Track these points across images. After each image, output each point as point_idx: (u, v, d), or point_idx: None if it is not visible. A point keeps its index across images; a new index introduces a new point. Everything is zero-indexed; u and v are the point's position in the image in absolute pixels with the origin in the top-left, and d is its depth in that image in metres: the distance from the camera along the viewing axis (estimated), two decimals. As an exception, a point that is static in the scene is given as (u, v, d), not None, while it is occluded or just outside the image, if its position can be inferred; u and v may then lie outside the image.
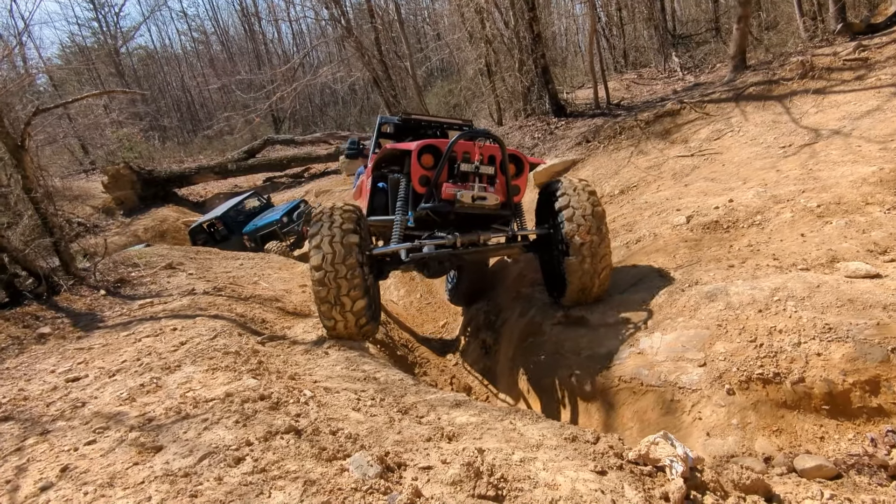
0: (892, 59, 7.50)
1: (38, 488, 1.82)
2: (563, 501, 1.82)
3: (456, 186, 3.99)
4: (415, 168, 4.10)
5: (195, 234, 13.02)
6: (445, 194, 3.97)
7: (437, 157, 4.13)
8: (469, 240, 4.27)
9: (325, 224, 3.61)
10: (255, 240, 11.76)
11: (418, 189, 4.14)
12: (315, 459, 1.94)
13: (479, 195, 4.00)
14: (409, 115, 5.86)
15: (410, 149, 4.11)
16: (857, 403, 3.00)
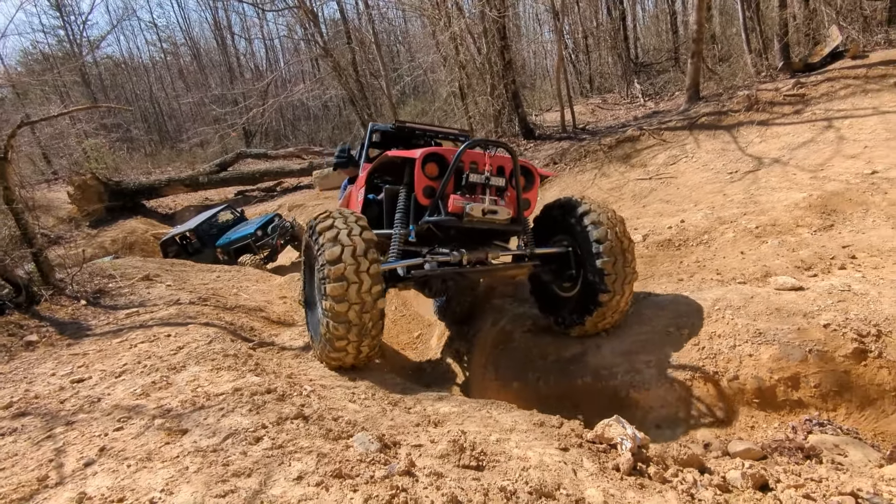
0: (825, 95, 8.31)
1: (82, 464, 2.09)
2: (533, 470, 2.20)
3: (465, 199, 3.66)
4: (419, 178, 3.76)
5: (166, 246, 12.96)
6: (453, 207, 3.62)
7: (442, 166, 3.82)
8: (476, 257, 3.96)
9: (337, 219, 3.34)
10: (228, 253, 11.78)
11: (422, 201, 3.79)
12: (323, 438, 2.27)
13: (489, 209, 3.69)
14: (402, 123, 5.42)
15: (414, 157, 3.79)
16: (782, 397, 3.49)
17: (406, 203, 3.93)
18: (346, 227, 3.29)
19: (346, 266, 3.14)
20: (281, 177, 19.16)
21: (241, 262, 10.99)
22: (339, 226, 3.31)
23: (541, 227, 4.43)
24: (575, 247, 4.17)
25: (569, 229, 4.17)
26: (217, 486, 1.83)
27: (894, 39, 9.87)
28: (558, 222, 4.30)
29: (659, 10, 23.67)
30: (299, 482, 1.90)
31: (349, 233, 3.27)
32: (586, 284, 4.07)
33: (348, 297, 3.15)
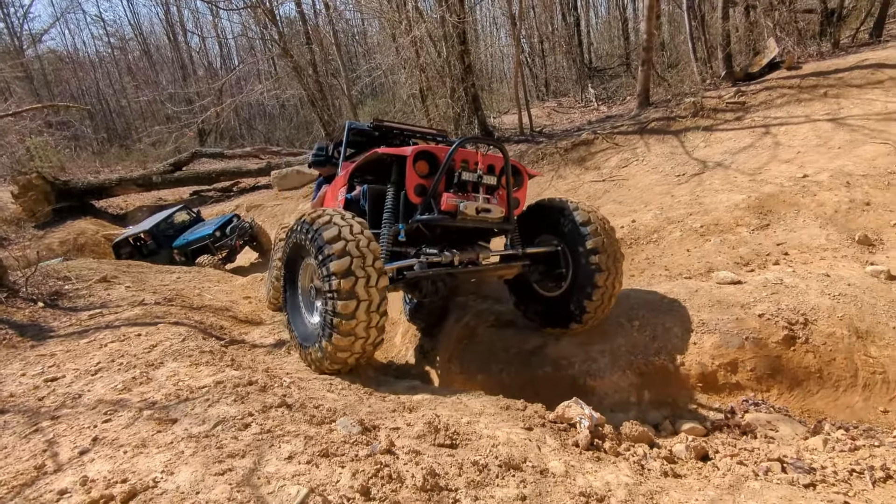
0: (764, 104, 8.94)
1: (77, 453, 2.18)
2: (501, 446, 2.42)
3: (458, 197, 3.63)
4: (410, 176, 3.70)
5: (119, 247, 12.55)
6: (447, 205, 3.57)
7: (433, 164, 3.78)
8: (468, 258, 3.92)
9: (343, 227, 3.18)
10: (185, 254, 11.51)
11: (413, 199, 3.72)
12: (308, 423, 2.43)
13: (483, 207, 3.67)
14: (381, 122, 5.28)
15: (405, 154, 3.73)
16: (722, 380, 3.85)
17: (394, 202, 3.85)
18: (347, 226, 3.19)
19: (354, 267, 3.05)
20: (238, 177, 18.84)
21: (199, 263, 10.80)
22: (339, 222, 3.20)
23: (524, 227, 4.42)
24: (565, 246, 4.21)
25: (557, 229, 4.22)
26: (214, 465, 1.97)
27: (825, 52, 10.67)
28: (544, 222, 4.35)
29: (611, 17, 24.52)
30: (290, 461, 2.06)
31: (351, 230, 3.17)
32: (576, 283, 4.12)
33: (357, 293, 3.05)
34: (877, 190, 5.43)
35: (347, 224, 3.20)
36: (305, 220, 3.38)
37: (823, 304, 4.01)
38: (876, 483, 2.58)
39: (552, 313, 4.41)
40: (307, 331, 3.64)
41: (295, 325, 3.79)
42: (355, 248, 3.09)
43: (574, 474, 2.28)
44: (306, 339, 3.59)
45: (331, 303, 3.09)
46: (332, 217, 3.26)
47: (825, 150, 6.64)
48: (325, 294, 3.13)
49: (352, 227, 3.19)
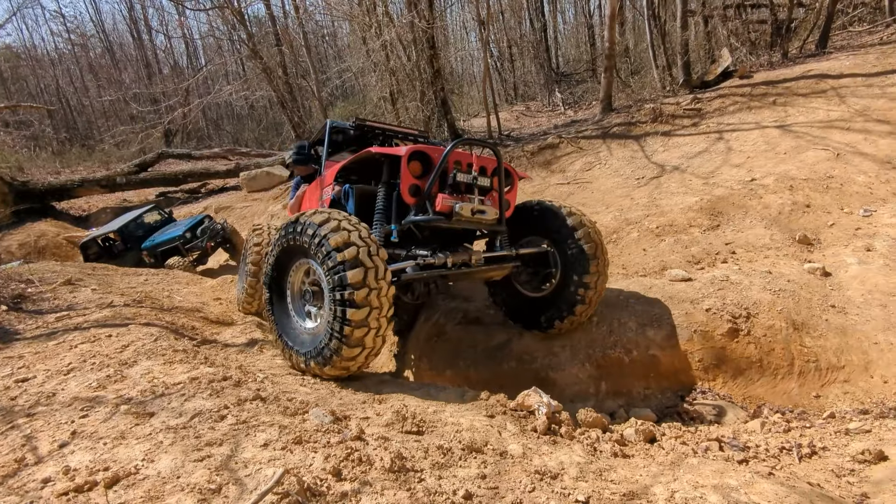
0: (718, 110, 9.40)
1: (56, 446, 2.26)
2: (465, 432, 2.61)
3: (453, 198, 3.63)
4: (405, 176, 3.67)
5: (87, 248, 12.16)
6: (442, 206, 3.56)
7: (426, 164, 3.78)
8: (461, 259, 3.87)
9: (352, 233, 3.13)
10: (154, 255, 11.27)
11: (407, 199, 3.71)
12: (282, 414, 2.57)
13: (478, 208, 3.68)
14: (363, 121, 5.18)
15: (399, 154, 3.70)
16: (673, 370, 4.13)
17: (385, 202, 3.85)
18: (356, 231, 3.13)
19: (368, 278, 3.01)
20: (206, 178, 18.58)
21: (169, 264, 10.63)
22: (348, 227, 3.14)
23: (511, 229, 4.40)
24: (554, 248, 4.30)
25: (546, 231, 4.32)
26: (193, 453, 2.10)
27: (775, 62, 11.24)
28: (532, 224, 4.43)
29: (578, 23, 25.09)
30: (266, 448, 2.19)
31: (360, 236, 3.12)
32: (565, 285, 4.22)
33: (370, 302, 3.02)
34: (816, 193, 5.83)
35: (355, 229, 3.14)
36: (308, 222, 3.26)
37: (765, 299, 4.33)
38: (802, 458, 2.86)
39: (537, 314, 4.49)
40: (301, 336, 3.54)
41: (284, 331, 3.66)
42: (367, 258, 3.05)
43: (531, 456, 2.48)
44: (301, 344, 3.49)
45: (340, 310, 3.02)
46: (340, 222, 3.18)
47: (772, 156, 7.06)
48: (336, 302, 3.04)
49: (360, 233, 3.14)
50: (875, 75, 8.19)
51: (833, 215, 5.51)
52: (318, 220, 3.22)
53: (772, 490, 2.18)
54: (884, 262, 4.57)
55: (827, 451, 2.94)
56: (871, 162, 6.11)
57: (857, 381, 3.79)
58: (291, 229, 3.39)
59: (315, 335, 3.41)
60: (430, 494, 1.99)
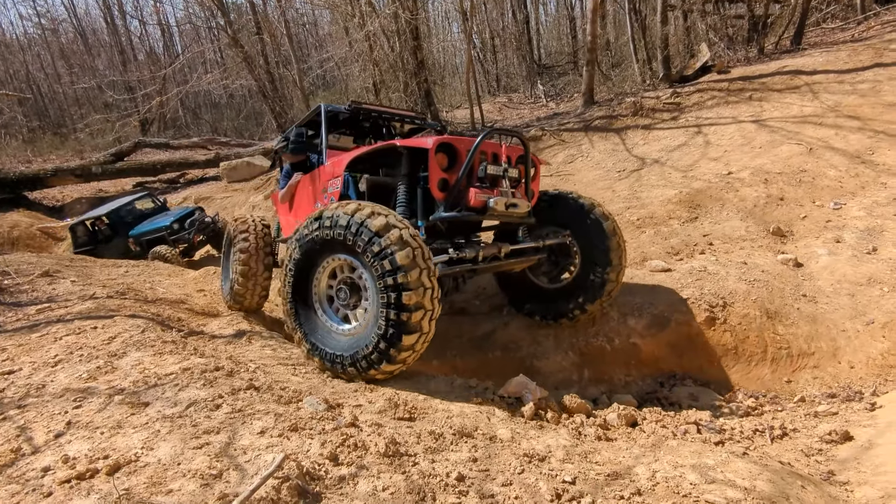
0: (696, 105, 9.58)
1: (52, 436, 2.29)
2: (455, 418, 2.70)
3: (485, 192, 3.48)
4: (434, 170, 3.47)
5: (76, 230, 11.78)
6: (476, 201, 3.42)
7: (452, 156, 3.59)
8: (491, 252, 3.75)
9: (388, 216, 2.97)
10: (140, 244, 10.99)
11: (436, 195, 3.50)
12: (277, 403, 2.62)
13: (512, 202, 3.53)
14: (358, 104, 4.89)
15: (425, 146, 3.48)
16: (653, 357, 4.27)
17: (408, 196, 3.66)
18: (392, 215, 2.99)
19: (414, 251, 2.86)
20: (185, 168, 18.28)
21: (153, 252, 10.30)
22: (383, 211, 2.99)
23: None
24: (574, 239, 4.25)
25: (566, 221, 4.25)
26: (192, 441, 2.15)
27: (752, 57, 11.48)
28: (549, 214, 4.32)
29: (560, 16, 25.18)
30: (263, 435, 2.25)
31: (399, 220, 2.97)
32: (587, 275, 4.19)
33: (424, 304, 2.87)
34: (790, 186, 6.03)
35: (391, 214, 3.01)
36: (341, 213, 3.06)
37: (740, 289, 4.50)
38: (774, 439, 3.02)
39: (552, 305, 4.44)
40: (334, 339, 3.29)
41: (316, 337, 3.37)
42: (411, 238, 2.90)
43: (519, 440, 2.58)
44: (336, 348, 3.24)
45: (394, 296, 2.83)
46: (374, 208, 3.02)
47: (748, 150, 7.26)
48: (387, 288, 2.85)
49: (395, 217, 3.00)
50: (846, 72, 8.43)
51: (805, 208, 5.71)
52: (350, 210, 3.04)
53: (746, 468, 2.32)
54: (852, 253, 4.77)
55: (797, 432, 3.11)
56: (842, 156, 6.33)
57: (826, 366, 3.98)
58: (317, 225, 3.18)
59: (355, 336, 3.18)
60: (424, 477, 2.08)
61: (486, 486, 2.09)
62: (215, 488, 1.84)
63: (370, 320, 3.04)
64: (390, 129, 5.44)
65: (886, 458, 2.56)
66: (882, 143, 6.34)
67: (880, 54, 8.65)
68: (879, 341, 3.94)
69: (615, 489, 2.14)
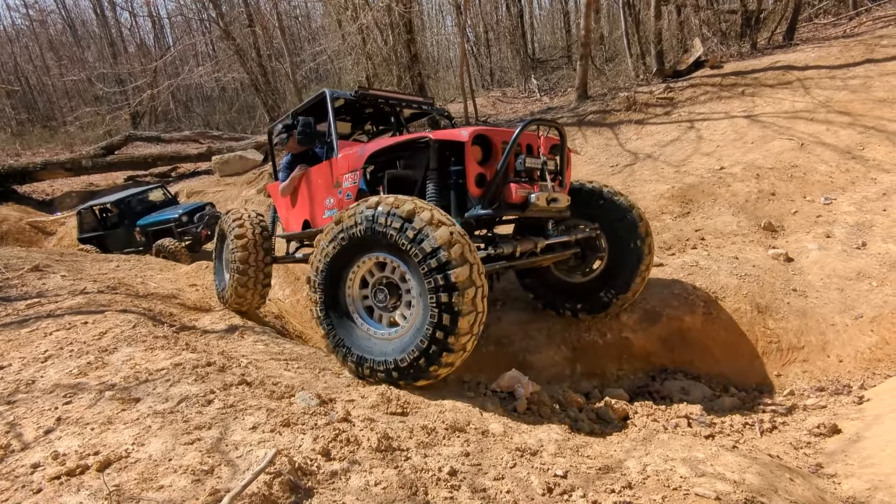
0: (689, 100, 9.60)
1: (42, 432, 2.27)
2: (448, 412, 2.70)
3: (524, 187, 3.29)
4: (471, 164, 3.25)
5: (83, 216, 11.73)
6: (517, 197, 3.23)
7: (486, 149, 3.38)
8: (528, 248, 3.54)
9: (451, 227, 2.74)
10: (146, 234, 10.84)
11: (473, 191, 3.26)
12: (269, 398, 2.62)
13: (552, 196, 3.36)
14: (365, 90, 4.60)
15: (461, 139, 3.23)
16: (645, 352, 4.30)
17: (438, 192, 3.41)
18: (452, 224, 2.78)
19: (463, 248, 2.68)
20: (176, 162, 18.15)
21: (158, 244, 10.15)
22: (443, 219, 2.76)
23: None
24: (602, 232, 4.15)
25: (596, 215, 4.14)
26: (183, 436, 2.14)
27: (744, 52, 11.50)
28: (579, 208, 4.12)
29: (553, 10, 25.14)
30: (255, 430, 2.25)
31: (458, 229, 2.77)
32: (616, 268, 4.12)
33: (476, 307, 2.71)
34: (781, 181, 6.07)
35: (436, 209, 2.81)
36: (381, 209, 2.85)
37: (731, 284, 4.53)
38: (763, 432, 3.05)
39: (576, 300, 4.37)
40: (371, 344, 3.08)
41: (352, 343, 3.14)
42: (459, 236, 2.71)
43: (511, 434, 2.59)
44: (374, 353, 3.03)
45: (445, 296, 2.64)
46: (417, 203, 2.81)
47: (740, 145, 7.28)
48: (437, 289, 2.66)
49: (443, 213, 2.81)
50: (838, 67, 8.47)
51: (796, 203, 5.74)
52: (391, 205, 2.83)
53: (735, 462, 2.34)
54: (842, 248, 4.81)
55: (786, 425, 3.14)
56: (833, 152, 6.37)
57: (815, 360, 4.02)
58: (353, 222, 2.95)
59: (398, 339, 2.96)
60: (416, 471, 2.08)
61: (478, 480, 2.10)
62: (206, 484, 1.83)
63: (415, 322, 2.85)
64: (396, 116, 5.24)
65: (873, 451, 2.60)
66: (872, 138, 6.38)
67: (871, 50, 8.70)
68: (868, 335, 3.99)
69: (606, 483, 2.15)
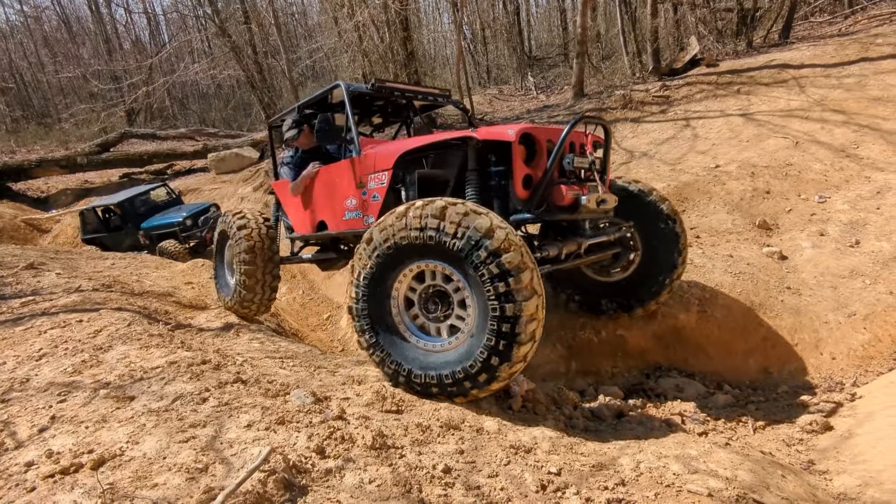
0: (685, 98, 9.62)
1: (36, 430, 2.27)
2: (442, 410, 2.71)
3: (573, 188, 3.14)
4: (518, 165, 3.08)
5: (86, 217, 11.53)
6: (568, 199, 3.09)
7: (531, 148, 3.20)
8: (572, 249, 3.33)
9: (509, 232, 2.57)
10: (150, 238, 10.65)
11: (521, 193, 3.10)
12: (264, 396, 2.62)
13: (602, 198, 3.24)
14: (382, 82, 4.36)
15: (507, 138, 3.05)
16: (638, 349, 4.31)
17: (476, 193, 3.21)
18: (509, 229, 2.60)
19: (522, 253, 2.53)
20: (172, 159, 18.11)
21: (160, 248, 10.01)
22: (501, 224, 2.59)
23: None
24: (636, 230, 4.05)
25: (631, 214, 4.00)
26: (178, 434, 2.14)
27: (740, 51, 11.52)
28: None
29: (550, 7, 25.13)
30: (250, 428, 2.25)
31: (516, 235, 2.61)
32: (649, 267, 4.06)
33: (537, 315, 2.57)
34: (776, 180, 6.09)
35: (490, 212, 2.64)
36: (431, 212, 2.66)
37: (726, 281, 4.55)
38: (756, 430, 3.07)
39: (607, 299, 4.29)
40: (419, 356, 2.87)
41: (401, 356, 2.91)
42: (515, 237, 2.56)
43: (506, 431, 2.60)
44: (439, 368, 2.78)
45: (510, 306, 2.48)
46: (471, 206, 2.64)
47: (736, 143, 7.30)
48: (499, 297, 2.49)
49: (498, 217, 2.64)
50: (833, 66, 8.50)
51: (791, 201, 5.76)
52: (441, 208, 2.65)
53: (728, 458, 2.35)
54: (835, 246, 4.83)
55: (779, 422, 3.16)
56: (827, 150, 6.40)
57: (809, 357, 4.04)
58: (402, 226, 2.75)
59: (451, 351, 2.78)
60: (410, 469, 2.09)
61: (472, 477, 2.11)
62: (201, 482, 1.84)
63: (472, 333, 2.69)
64: (410, 108, 5.10)
65: (865, 448, 2.62)
66: (866, 137, 6.41)
67: (866, 49, 8.72)
68: (860, 333, 4.01)
69: (600, 480, 2.16)
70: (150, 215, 11.20)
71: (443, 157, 3.61)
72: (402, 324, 2.95)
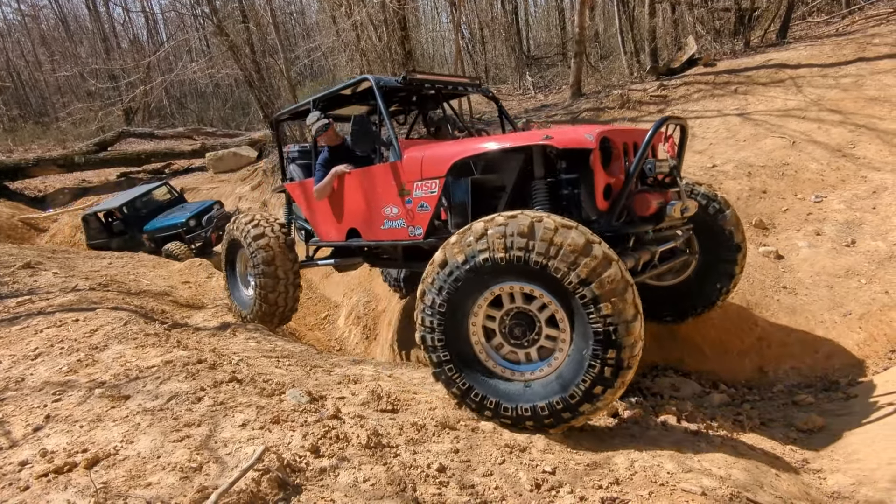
0: (683, 97, 9.63)
1: (30, 430, 2.27)
2: (438, 409, 2.71)
3: (656, 196, 2.91)
4: (599, 173, 2.81)
5: (89, 222, 11.38)
6: (652, 208, 2.87)
7: (607, 153, 2.92)
8: (646, 259, 3.04)
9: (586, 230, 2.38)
10: (154, 240, 10.50)
11: (601, 205, 2.84)
12: (259, 395, 2.62)
13: (686, 205, 2.99)
14: (413, 74, 4.09)
15: (587, 145, 2.77)
16: (635, 349, 4.31)
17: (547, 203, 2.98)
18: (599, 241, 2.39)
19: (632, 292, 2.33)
20: (170, 158, 18.10)
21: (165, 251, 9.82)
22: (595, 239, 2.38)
23: None
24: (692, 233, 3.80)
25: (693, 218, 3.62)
26: (172, 434, 2.14)
27: (738, 51, 11.53)
28: None
29: (549, 6, 25.11)
30: (244, 427, 2.25)
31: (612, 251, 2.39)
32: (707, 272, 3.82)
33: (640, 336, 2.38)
34: (772, 179, 6.10)
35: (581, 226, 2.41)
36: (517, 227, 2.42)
37: (722, 281, 4.55)
38: (752, 429, 3.08)
39: (666, 304, 4.02)
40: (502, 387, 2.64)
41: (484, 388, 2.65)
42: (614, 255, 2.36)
43: (501, 431, 2.60)
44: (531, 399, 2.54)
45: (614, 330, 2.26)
46: (560, 220, 2.42)
47: (733, 143, 7.31)
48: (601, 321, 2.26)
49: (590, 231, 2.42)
50: (830, 66, 8.51)
51: (787, 201, 5.77)
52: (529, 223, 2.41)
53: (722, 457, 2.36)
54: (831, 246, 4.85)
55: (774, 421, 3.17)
56: (824, 150, 6.41)
57: (804, 357, 4.05)
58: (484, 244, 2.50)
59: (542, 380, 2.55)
60: (405, 468, 2.09)
61: (466, 476, 2.11)
62: (195, 481, 1.84)
63: (568, 359, 2.46)
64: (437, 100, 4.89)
65: (859, 447, 2.63)
66: (863, 136, 6.42)
67: (863, 49, 8.74)
68: (856, 332, 4.02)
69: (594, 478, 2.17)
70: (154, 216, 11.06)
71: (498, 162, 3.33)
72: (484, 352, 2.70)
